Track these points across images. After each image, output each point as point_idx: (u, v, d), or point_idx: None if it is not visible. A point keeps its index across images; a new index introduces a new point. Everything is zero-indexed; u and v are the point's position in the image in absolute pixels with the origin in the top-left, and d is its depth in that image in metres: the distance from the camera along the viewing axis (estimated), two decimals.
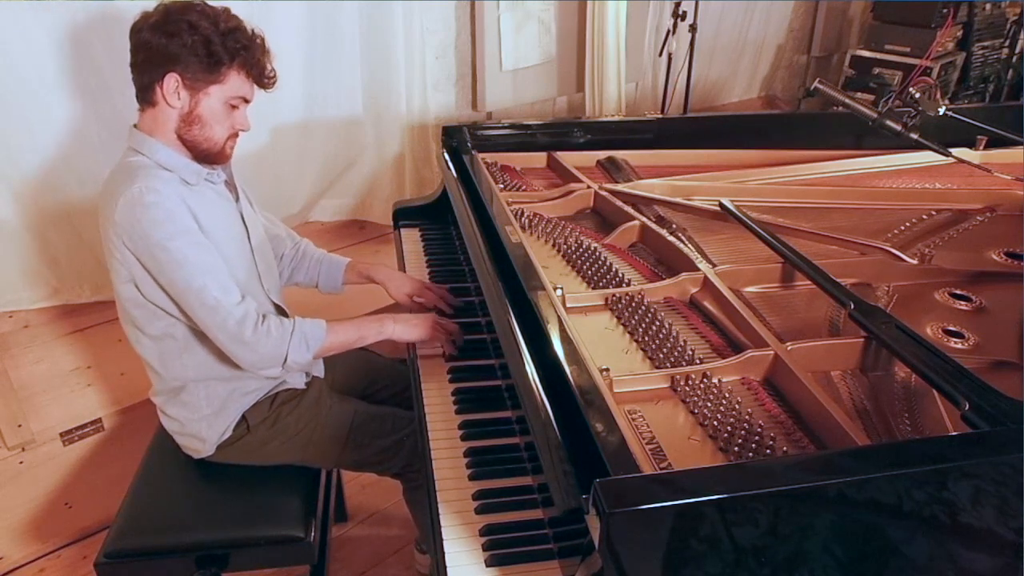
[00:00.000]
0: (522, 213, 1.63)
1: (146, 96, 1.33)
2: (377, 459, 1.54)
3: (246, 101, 1.37)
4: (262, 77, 1.37)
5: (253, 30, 1.34)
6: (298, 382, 1.53)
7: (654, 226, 1.56)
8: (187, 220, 1.28)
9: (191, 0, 1.30)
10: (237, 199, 1.47)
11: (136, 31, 1.31)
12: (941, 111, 1.49)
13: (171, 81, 1.28)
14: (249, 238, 1.46)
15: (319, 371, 1.62)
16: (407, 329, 1.46)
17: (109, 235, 1.28)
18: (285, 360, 1.34)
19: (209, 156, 1.37)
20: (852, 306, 1.19)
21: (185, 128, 1.32)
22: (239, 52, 1.30)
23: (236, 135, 1.39)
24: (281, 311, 1.53)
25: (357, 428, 1.52)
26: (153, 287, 1.31)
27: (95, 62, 2.03)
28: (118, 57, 2.05)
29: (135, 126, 1.36)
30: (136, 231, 1.25)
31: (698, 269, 1.38)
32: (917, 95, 1.49)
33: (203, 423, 1.44)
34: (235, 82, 1.32)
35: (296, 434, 1.49)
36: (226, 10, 1.32)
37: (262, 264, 1.49)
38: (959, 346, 1.23)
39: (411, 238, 2.02)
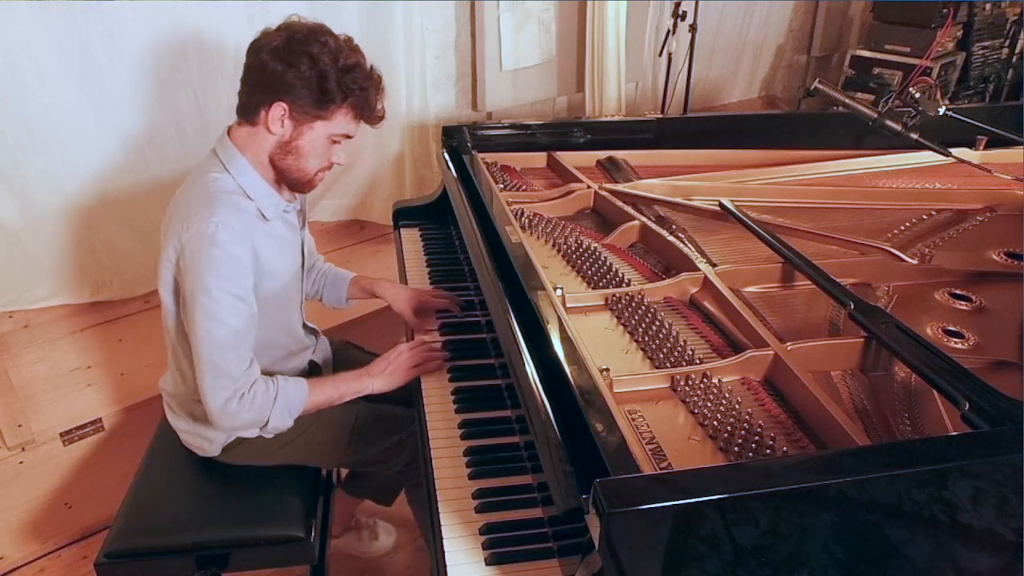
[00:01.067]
0: (522, 213, 1.63)
1: (249, 114, 1.29)
2: (379, 459, 1.54)
3: (348, 137, 1.34)
4: (371, 117, 1.34)
5: (372, 67, 1.31)
6: None
7: (654, 226, 1.56)
8: (244, 271, 1.26)
9: (317, 26, 1.27)
10: (303, 226, 1.47)
11: (256, 50, 1.26)
12: (941, 111, 1.49)
13: (278, 109, 1.25)
14: (303, 266, 1.48)
15: (326, 367, 1.63)
16: (385, 380, 1.43)
17: (170, 244, 1.26)
18: (265, 425, 1.33)
19: (296, 185, 1.36)
20: (852, 306, 1.20)
21: (280, 155, 1.30)
22: (353, 92, 1.26)
23: (329, 167, 1.37)
24: (311, 331, 1.57)
25: (359, 429, 1.52)
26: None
27: (95, 61, 2.03)
28: (118, 56, 2.06)
29: (228, 133, 1.33)
30: (194, 262, 1.23)
31: (698, 269, 1.38)
32: (917, 95, 1.49)
33: (210, 426, 1.44)
34: (342, 120, 1.29)
35: (299, 435, 1.48)
36: (348, 41, 1.29)
37: (304, 288, 1.52)
38: (959, 346, 1.23)
39: (411, 238, 2.02)
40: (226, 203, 1.26)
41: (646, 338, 1.22)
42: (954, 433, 0.99)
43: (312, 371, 1.59)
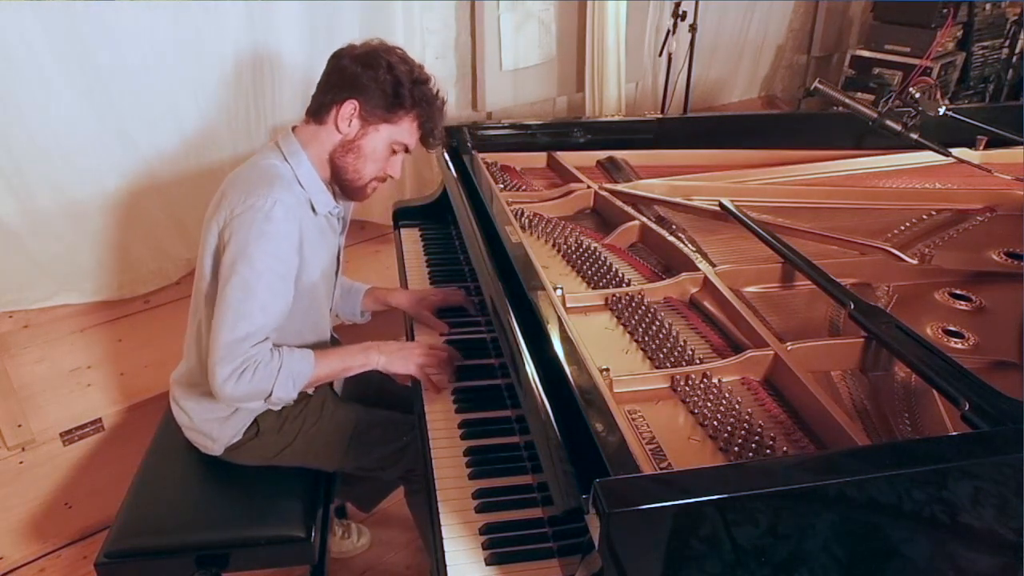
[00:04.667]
0: (522, 213, 1.63)
1: (319, 113, 1.36)
2: (379, 464, 1.53)
3: (407, 150, 1.41)
4: (431, 134, 1.41)
5: (439, 91, 1.39)
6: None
7: (654, 226, 1.56)
8: (290, 250, 1.29)
9: (396, 47, 1.37)
10: (342, 232, 1.51)
11: (337, 57, 1.36)
12: (941, 111, 1.49)
13: (349, 106, 1.32)
14: (336, 272, 1.51)
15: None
16: (391, 361, 1.40)
17: (221, 215, 1.28)
18: (269, 396, 1.28)
19: (348, 188, 1.40)
20: (852, 306, 1.19)
21: (341, 153, 1.36)
22: (421, 103, 1.35)
23: (383, 179, 1.42)
24: (335, 341, 1.58)
25: (358, 435, 1.51)
26: None
27: (95, 61, 2.03)
28: (118, 56, 2.06)
29: (293, 130, 1.39)
30: (243, 233, 1.25)
31: (698, 269, 1.38)
32: (917, 95, 1.49)
33: (215, 423, 1.44)
34: (405, 128, 1.37)
35: (298, 439, 1.48)
36: (421, 66, 1.38)
37: (335, 298, 1.54)
38: (959, 346, 1.23)
39: (411, 238, 2.02)
40: (284, 185, 1.30)
41: (646, 338, 1.22)
42: (954, 433, 0.99)
43: None
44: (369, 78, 1.30)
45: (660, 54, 3.43)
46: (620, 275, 1.41)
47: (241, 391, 1.25)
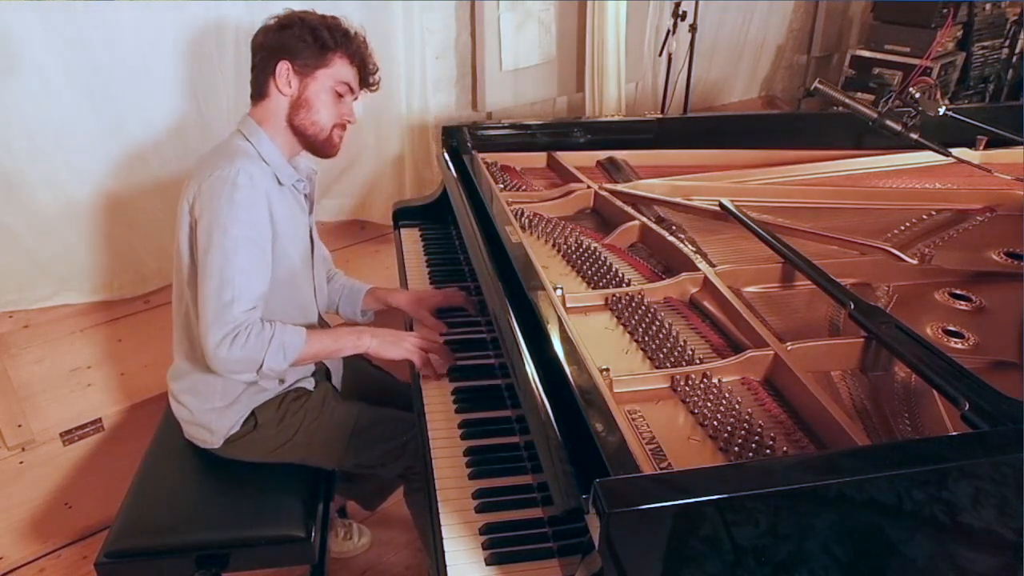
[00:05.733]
0: (522, 213, 1.63)
1: (260, 90, 1.42)
2: (379, 462, 1.53)
3: (351, 91, 1.45)
4: (366, 68, 1.46)
5: (356, 31, 1.45)
6: (307, 382, 1.53)
7: (654, 226, 1.56)
8: (261, 217, 1.33)
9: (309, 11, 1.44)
10: (311, 211, 1.53)
11: (255, 37, 1.42)
12: (941, 111, 1.49)
13: (283, 69, 1.38)
14: (313, 253, 1.52)
15: (336, 373, 1.63)
16: (383, 345, 1.42)
17: (191, 193, 1.32)
18: (260, 367, 1.30)
19: (316, 143, 1.44)
20: (852, 306, 1.19)
21: (294, 113, 1.40)
22: (343, 40, 1.40)
23: (343, 127, 1.45)
24: (324, 326, 1.58)
25: (359, 431, 1.51)
26: None
27: (94, 60, 2.03)
28: (117, 55, 2.06)
29: (249, 115, 1.44)
30: (213, 203, 1.28)
31: (698, 269, 1.38)
32: (917, 95, 1.49)
33: (214, 414, 1.45)
34: (340, 67, 1.41)
35: (298, 434, 1.48)
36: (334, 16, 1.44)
37: (319, 280, 1.55)
38: (959, 346, 1.23)
39: (411, 238, 2.02)
40: (247, 158, 1.35)
41: (646, 338, 1.22)
42: (954, 433, 0.99)
43: (326, 377, 1.61)
44: (288, 35, 1.36)
45: (660, 54, 3.43)
46: (620, 275, 1.41)
47: (235, 356, 1.27)
